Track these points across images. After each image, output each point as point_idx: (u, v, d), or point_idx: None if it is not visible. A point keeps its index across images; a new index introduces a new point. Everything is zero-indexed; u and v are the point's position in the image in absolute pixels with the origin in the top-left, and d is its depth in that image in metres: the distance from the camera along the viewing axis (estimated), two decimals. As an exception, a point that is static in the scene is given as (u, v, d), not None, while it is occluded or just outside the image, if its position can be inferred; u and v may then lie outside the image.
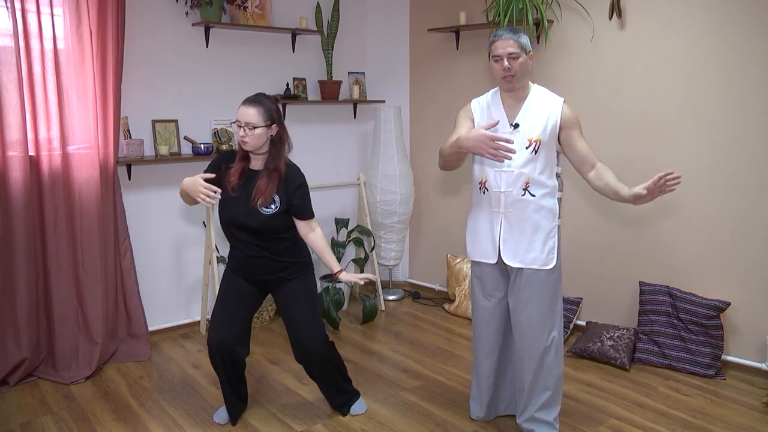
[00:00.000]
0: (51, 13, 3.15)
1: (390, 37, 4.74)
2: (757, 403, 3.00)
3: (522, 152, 2.47)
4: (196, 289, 4.03)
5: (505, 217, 2.52)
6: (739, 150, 3.20)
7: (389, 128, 4.43)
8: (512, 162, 2.47)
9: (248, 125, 2.50)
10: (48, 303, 3.31)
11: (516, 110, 2.51)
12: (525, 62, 2.42)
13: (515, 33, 2.42)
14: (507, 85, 2.45)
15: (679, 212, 3.43)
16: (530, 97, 2.50)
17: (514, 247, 2.52)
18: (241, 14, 3.93)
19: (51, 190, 3.26)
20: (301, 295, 2.70)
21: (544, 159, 2.47)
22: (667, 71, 3.38)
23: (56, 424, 2.85)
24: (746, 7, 3.10)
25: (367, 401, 3.00)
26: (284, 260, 2.67)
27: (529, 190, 2.48)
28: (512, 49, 2.38)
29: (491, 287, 2.65)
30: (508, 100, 2.53)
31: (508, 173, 2.50)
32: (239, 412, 2.86)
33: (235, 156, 2.64)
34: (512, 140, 2.25)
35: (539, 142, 2.45)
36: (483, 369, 2.75)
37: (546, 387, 2.59)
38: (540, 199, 2.48)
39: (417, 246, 4.92)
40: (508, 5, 3.66)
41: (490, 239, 2.57)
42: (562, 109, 2.47)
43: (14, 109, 3.08)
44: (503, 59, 2.39)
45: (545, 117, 2.46)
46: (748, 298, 3.25)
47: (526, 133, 2.47)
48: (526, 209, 2.49)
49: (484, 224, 2.60)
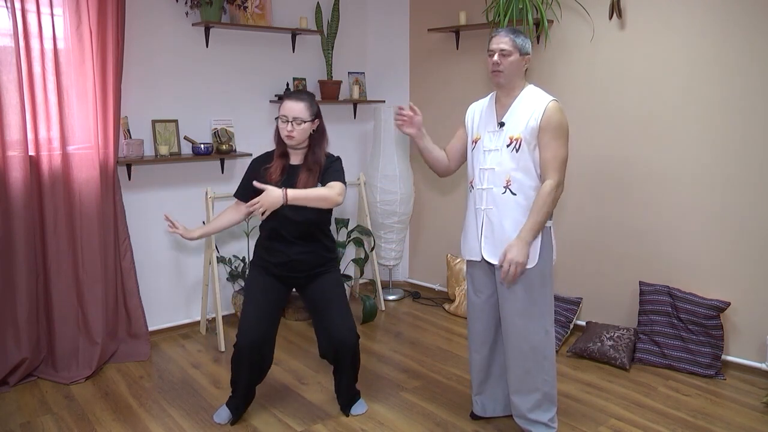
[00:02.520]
0: (51, 13, 3.15)
1: (390, 37, 4.74)
2: (757, 403, 3.00)
3: (503, 150, 2.48)
4: (196, 289, 4.03)
5: (486, 215, 2.54)
6: (739, 150, 3.20)
7: (389, 128, 4.43)
8: (493, 160, 2.50)
9: (296, 120, 2.56)
10: (48, 303, 3.31)
11: (506, 109, 2.53)
12: (516, 62, 2.45)
13: (513, 33, 2.45)
14: (494, 79, 2.50)
15: (679, 212, 3.43)
16: (521, 96, 2.51)
17: (493, 245, 2.53)
18: (241, 14, 3.93)
19: (51, 190, 3.26)
20: (336, 288, 2.76)
21: (526, 158, 2.45)
22: (667, 71, 3.38)
23: (56, 424, 2.85)
24: (746, 7, 3.10)
25: (367, 401, 3.00)
26: (322, 255, 2.73)
27: (510, 189, 2.48)
28: (505, 46, 2.43)
29: (479, 284, 2.68)
30: (501, 100, 2.56)
31: (490, 171, 2.52)
32: (242, 412, 2.86)
33: (270, 157, 2.68)
34: (409, 105, 2.55)
35: (519, 140, 2.45)
36: (473, 362, 2.77)
37: (534, 388, 2.57)
38: (522, 198, 2.47)
39: (417, 246, 4.92)
40: (508, 5, 3.66)
41: (476, 236, 2.60)
42: (545, 109, 2.43)
43: (14, 109, 3.08)
44: (495, 54, 2.45)
45: (528, 115, 2.45)
46: (748, 298, 3.25)
47: (509, 132, 2.49)
48: (506, 207, 2.49)
49: (471, 222, 2.63)
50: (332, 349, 2.73)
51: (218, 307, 3.73)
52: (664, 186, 3.46)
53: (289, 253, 2.68)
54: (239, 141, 4.11)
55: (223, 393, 3.11)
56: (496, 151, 2.51)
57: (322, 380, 3.29)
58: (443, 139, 4.58)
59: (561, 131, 2.43)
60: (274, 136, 2.74)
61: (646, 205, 3.54)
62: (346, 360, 2.77)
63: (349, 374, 2.84)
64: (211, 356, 3.61)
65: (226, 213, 2.80)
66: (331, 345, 2.72)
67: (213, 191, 3.71)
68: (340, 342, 2.70)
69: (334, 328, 2.70)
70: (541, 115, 2.42)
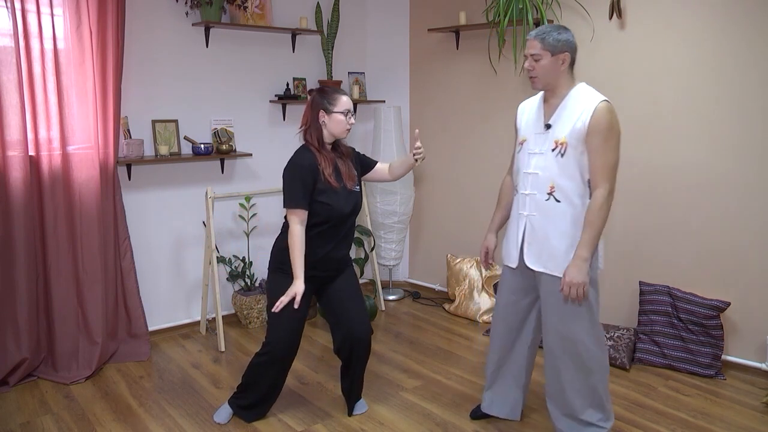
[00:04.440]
0: (51, 13, 3.15)
1: (390, 37, 4.74)
2: (757, 403, 3.00)
3: (548, 154, 2.37)
4: (196, 289, 4.03)
5: (529, 221, 2.45)
6: (739, 150, 3.20)
7: (389, 128, 4.43)
8: (537, 164, 2.39)
9: (350, 112, 2.65)
10: (48, 303, 3.31)
11: (553, 110, 2.40)
12: (550, 64, 2.32)
13: (542, 34, 2.32)
14: (532, 85, 2.40)
15: (678, 212, 3.43)
16: (569, 96, 2.36)
17: (537, 252, 2.44)
18: (241, 14, 3.93)
19: (51, 190, 3.26)
20: (356, 285, 2.80)
21: (572, 163, 2.32)
22: (667, 71, 3.38)
23: (56, 424, 2.85)
24: (746, 8, 3.10)
25: (367, 401, 3.00)
26: (348, 250, 2.79)
27: (554, 196, 2.36)
28: (533, 50, 2.33)
29: (514, 287, 2.61)
30: (548, 100, 2.43)
31: (533, 175, 2.41)
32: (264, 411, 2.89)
33: (313, 155, 2.63)
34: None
35: (565, 144, 2.32)
36: (489, 359, 2.76)
37: (580, 392, 2.47)
38: (566, 206, 2.35)
39: (417, 246, 4.92)
40: (508, 5, 3.66)
41: (515, 243, 2.52)
42: (593, 111, 2.27)
43: (14, 109, 3.08)
44: (527, 60, 2.37)
45: (575, 118, 2.31)
46: (748, 298, 3.25)
47: (555, 134, 2.36)
48: (550, 215, 2.38)
49: (513, 227, 2.55)
50: (350, 346, 2.72)
51: (218, 307, 3.73)
52: (664, 186, 3.46)
53: (327, 246, 2.67)
54: (239, 141, 4.11)
55: (224, 393, 3.11)
56: (541, 155, 2.39)
57: (322, 380, 3.29)
58: (443, 138, 4.60)
59: (611, 135, 2.28)
60: (311, 133, 2.64)
61: (645, 205, 3.54)
62: (361, 356, 2.77)
63: (360, 370, 2.84)
64: (211, 356, 3.61)
65: (302, 235, 2.58)
66: (348, 340, 2.71)
67: (213, 191, 3.71)
68: (360, 339, 2.71)
69: (356, 324, 2.70)
70: (589, 118, 2.27)
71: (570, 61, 2.35)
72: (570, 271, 2.31)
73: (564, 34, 2.32)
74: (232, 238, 4.15)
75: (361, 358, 2.78)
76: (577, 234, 2.36)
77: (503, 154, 4.19)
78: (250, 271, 4.04)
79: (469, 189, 4.46)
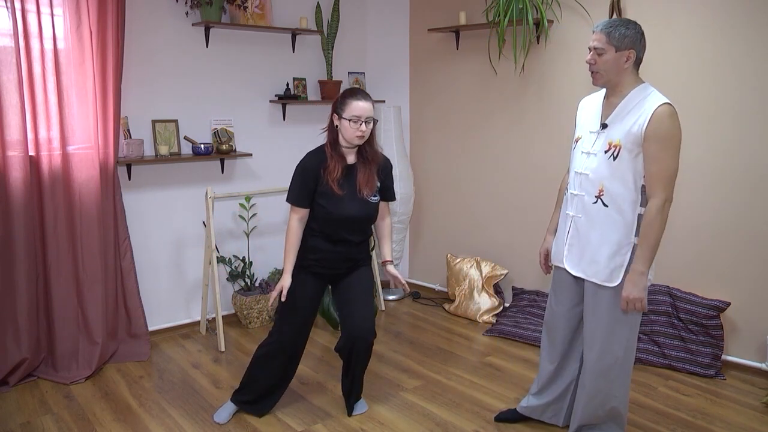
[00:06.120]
0: (51, 13, 3.15)
1: (390, 37, 4.74)
2: (757, 403, 3.00)
3: (600, 155, 2.26)
4: (196, 289, 4.03)
5: (574, 222, 2.37)
6: (739, 150, 3.20)
7: (389, 128, 4.44)
8: (589, 164, 2.30)
9: (368, 120, 2.58)
10: (48, 303, 3.31)
11: (612, 110, 2.28)
12: (614, 59, 2.18)
13: (610, 27, 2.18)
14: (593, 81, 2.27)
15: (678, 212, 3.43)
16: (629, 96, 2.23)
17: (578, 255, 2.37)
18: (241, 14, 3.93)
19: (51, 190, 3.26)
20: (366, 285, 2.78)
21: (625, 167, 2.21)
22: (667, 71, 3.38)
23: (56, 424, 2.85)
24: (746, 8, 3.10)
25: (367, 401, 3.00)
26: (364, 246, 2.78)
27: (602, 199, 2.26)
28: (597, 43, 2.19)
29: (561, 293, 2.53)
30: (609, 98, 2.31)
31: (584, 176, 2.32)
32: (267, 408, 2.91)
33: (323, 156, 2.63)
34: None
35: (619, 147, 2.20)
36: (543, 370, 2.66)
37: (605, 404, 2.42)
38: (613, 211, 2.25)
39: (417, 246, 4.92)
40: (508, 5, 3.66)
41: (561, 243, 2.46)
42: (651, 114, 2.13)
43: (14, 109, 3.08)
44: (589, 53, 2.24)
45: (633, 120, 2.18)
46: (748, 298, 3.25)
47: (610, 136, 2.25)
48: (596, 219, 2.29)
49: (561, 226, 2.48)
50: (353, 343, 2.72)
51: (218, 307, 3.73)
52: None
53: (334, 247, 2.68)
54: (239, 141, 4.11)
55: (223, 393, 3.12)
56: (593, 155, 2.29)
57: (322, 380, 3.29)
58: (443, 138, 4.60)
59: (671, 141, 2.14)
60: (328, 135, 2.66)
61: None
62: (362, 355, 2.76)
63: (360, 370, 2.84)
64: (211, 356, 3.61)
65: (297, 230, 2.67)
66: (350, 338, 2.71)
67: (213, 191, 3.71)
68: (362, 338, 2.70)
69: (361, 321, 2.70)
70: (647, 122, 2.14)
71: (635, 59, 2.21)
72: (627, 286, 2.23)
73: (632, 30, 2.18)
74: (232, 238, 4.15)
75: (360, 357, 2.77)
76: (621, 242, 2.26)
77: (503, 154, 4.19)
78: (250, 271, 4.05)
79: (469, 189, 4.46)
